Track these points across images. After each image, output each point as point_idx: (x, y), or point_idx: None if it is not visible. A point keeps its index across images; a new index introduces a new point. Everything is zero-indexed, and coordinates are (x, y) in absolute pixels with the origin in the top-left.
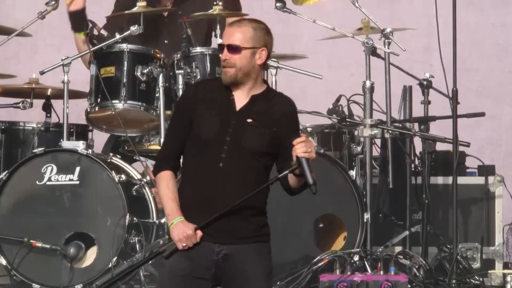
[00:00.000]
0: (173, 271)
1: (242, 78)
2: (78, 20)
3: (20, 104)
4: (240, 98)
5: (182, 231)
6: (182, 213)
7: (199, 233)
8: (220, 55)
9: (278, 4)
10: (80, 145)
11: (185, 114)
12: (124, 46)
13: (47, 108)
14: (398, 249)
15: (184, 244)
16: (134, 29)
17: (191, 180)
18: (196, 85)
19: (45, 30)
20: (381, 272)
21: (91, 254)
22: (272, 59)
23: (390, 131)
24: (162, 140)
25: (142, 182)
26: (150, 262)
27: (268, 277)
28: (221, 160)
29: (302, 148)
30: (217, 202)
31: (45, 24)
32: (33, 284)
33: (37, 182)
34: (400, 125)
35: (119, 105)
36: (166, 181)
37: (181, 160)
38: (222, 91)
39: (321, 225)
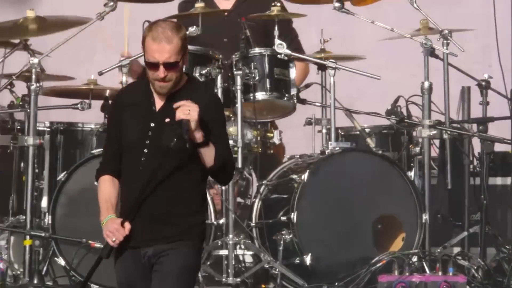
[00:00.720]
0: (118, 281)
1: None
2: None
3: (79, 105)
4: (161, 98)
5: (107, 228)
6: (120, 216)
7: (127, 225)
8: (152, 72)
9: (336, 5)
10: None
11: (113, 121)
12: None
13: (106, 109)
14: (456, 250)
15: (113, 239)
16: (192, 30)
17: (123, 184)
18: (121, 90)
19: (104, 31)
20: (440, 273)
21: None
22: (330, 60)
23: (449, 132)
24: None
25: None
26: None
27: (183, 273)
28: (140, 164)
29: (180, 111)
30: (141, 206)
31: (104, 25)
32: (92, 285)
33: (95, 183)
34: (459, 125)
35: None
36: (103, 185)
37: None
38: (144, 93)
39: (379, 226)
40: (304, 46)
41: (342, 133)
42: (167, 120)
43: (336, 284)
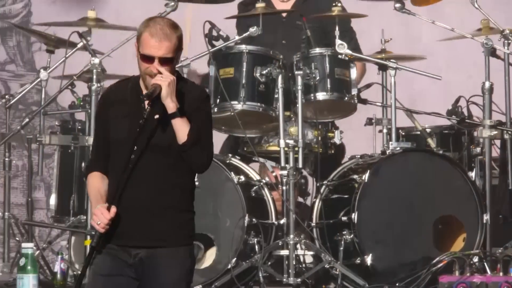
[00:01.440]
0: (96, 272)
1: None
2: None
3: None
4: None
5: (93, 213)
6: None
7: (113, 209)
8: (146, 65)
9: (397, 5)
10: None
11: (101, 119)
12: (243, 47)
13: None
14: None
15: (98, 222)
16: (253, 30)
17: (110, 182)
18: (108, 89)
19: None
20: (501, 274)
21: (211, 255)
22: (391, 60)
23: (510, 132)
24: (281, 141)
25: (261, 183)
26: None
27: (180, 282)
28: (130, 161)
29: (155, 79)
30: (128, 202)
31: None
32: None
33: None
34: None
35: (238, 106)
36: (92, 180)
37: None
38: (133, 91)
39: (440, 226)
40: (365, 46)
41: (403, 133)
42: (156, 116)
43: (397, 284)
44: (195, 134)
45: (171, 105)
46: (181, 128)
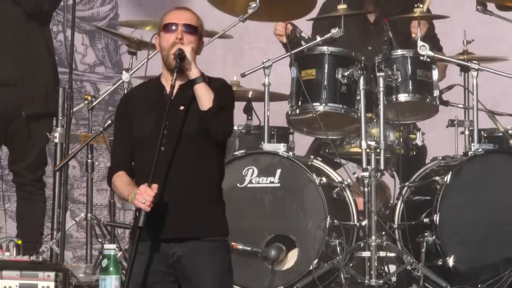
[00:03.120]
0: (134, 282)
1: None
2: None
3: None
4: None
5: (136, 193)
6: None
7: (154, 185)
8: (170, 35)
9: (479, 7)
10: (281, 148)
11: (124, 118)
12: (325, 48)
13: (248, 110)
14: None
15: (143, 201)
16: (334, 31)
17: (140, 180)
18: (129, 92)
19: (251, 34)
20: None
21: (292, 257)
22: (473, 62)
23: None
24: (362, 143)
25: (343, 185)
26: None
27: (222, 278)
28: (160, 154)
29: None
30: (164, 196)
31: (250, 27)
32: (235, 286)
33: (238, 184)
34: None
35: (320, 107)
36: (120, 178)
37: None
38: (155, 89)
39: None
40: (448, 48)
41: (485, 135)
42: (182, 108)
43: (479, 286)
44: (219, 102)
45: (195, 70)
46: (206, 93)
